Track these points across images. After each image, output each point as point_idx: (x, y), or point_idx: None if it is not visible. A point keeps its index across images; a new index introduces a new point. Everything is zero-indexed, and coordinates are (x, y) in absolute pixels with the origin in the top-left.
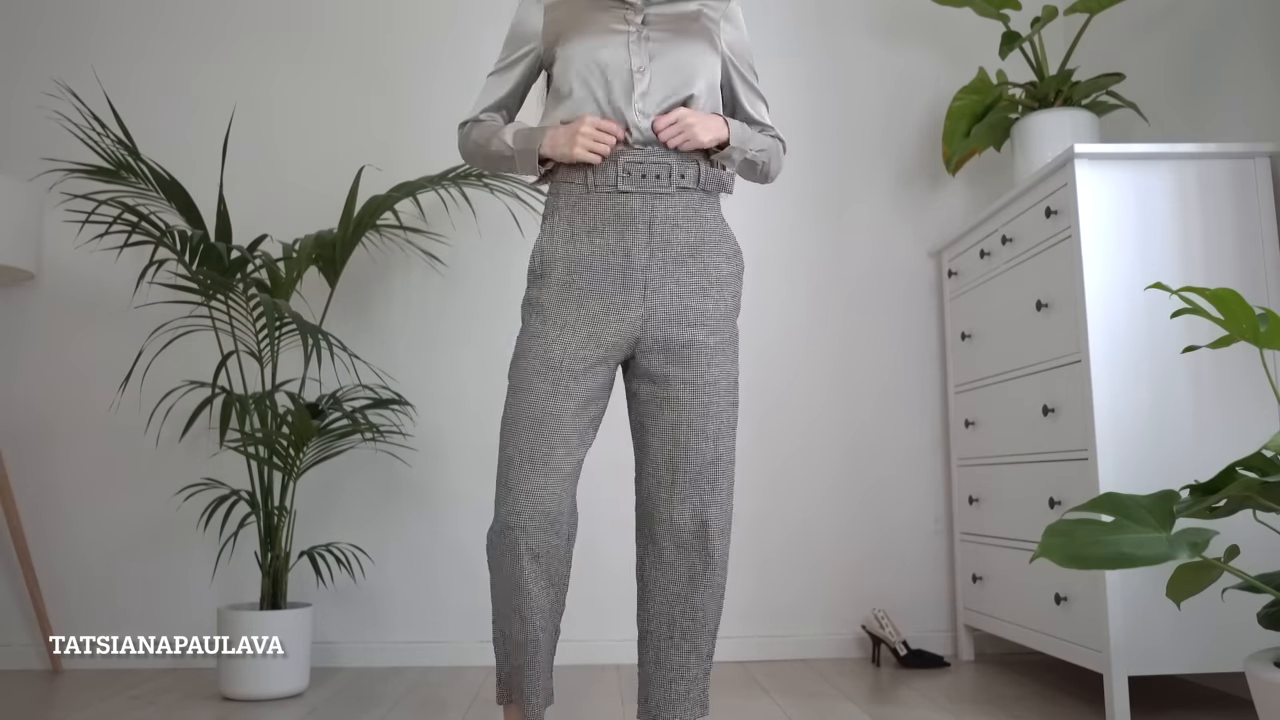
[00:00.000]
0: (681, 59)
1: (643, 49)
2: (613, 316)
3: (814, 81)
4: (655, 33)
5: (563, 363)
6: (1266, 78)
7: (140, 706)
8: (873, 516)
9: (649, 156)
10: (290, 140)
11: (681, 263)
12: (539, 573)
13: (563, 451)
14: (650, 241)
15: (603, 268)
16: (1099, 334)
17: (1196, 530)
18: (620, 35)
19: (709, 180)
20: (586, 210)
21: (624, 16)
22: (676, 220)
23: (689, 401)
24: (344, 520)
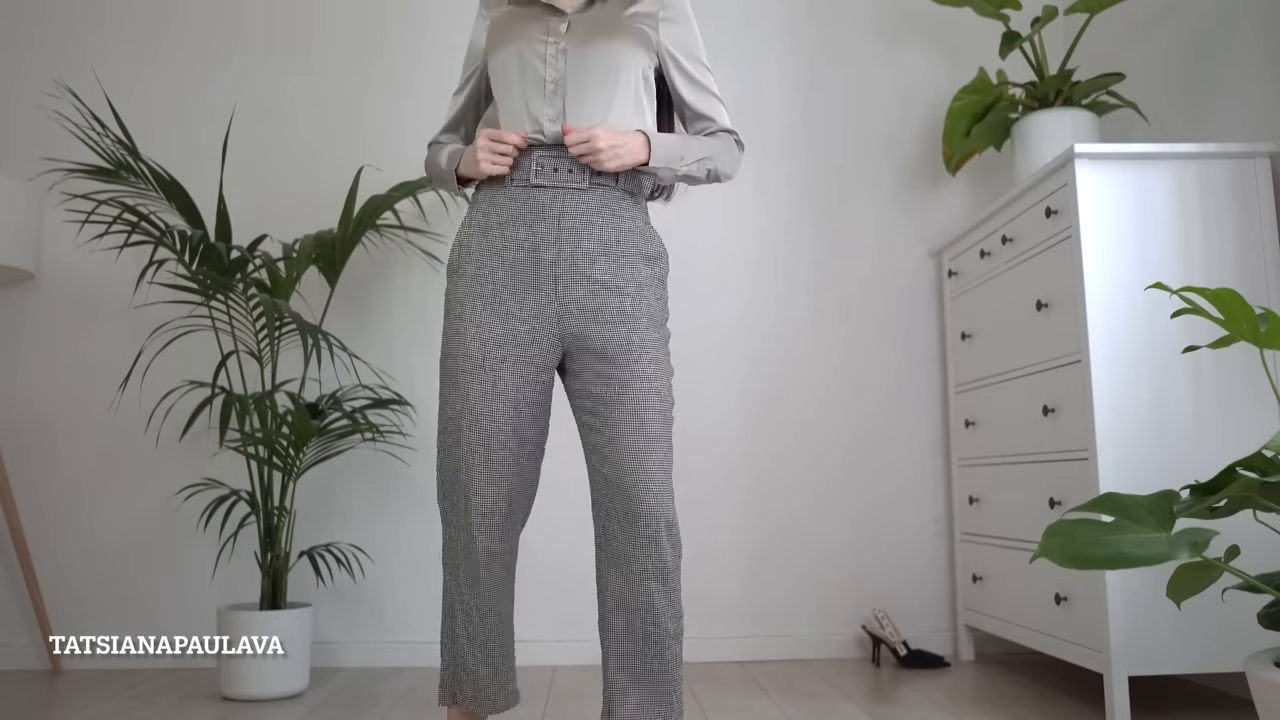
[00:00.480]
0: (602, 63)
1: (561, 57)
2: (527, 312)
3: (814, 81)
4: (577, 39)
5: (485, 361)
6: (1266, 78)
7: (140, 706)
8: (873, 517)
9: (565, 152)
10: (290, 140)
11: (594, 260)
12: (495, 572)
13: (503, 453)
14: (559, 237)
15: (513, 262)
16: (1099, 334)
17: (1196, 530)
18: (540, 44)
19: (629, 179)
20: (501, 204)
21: (548, 26)
22: (589, 217)
23: (619, 400)
24: (344, 520)
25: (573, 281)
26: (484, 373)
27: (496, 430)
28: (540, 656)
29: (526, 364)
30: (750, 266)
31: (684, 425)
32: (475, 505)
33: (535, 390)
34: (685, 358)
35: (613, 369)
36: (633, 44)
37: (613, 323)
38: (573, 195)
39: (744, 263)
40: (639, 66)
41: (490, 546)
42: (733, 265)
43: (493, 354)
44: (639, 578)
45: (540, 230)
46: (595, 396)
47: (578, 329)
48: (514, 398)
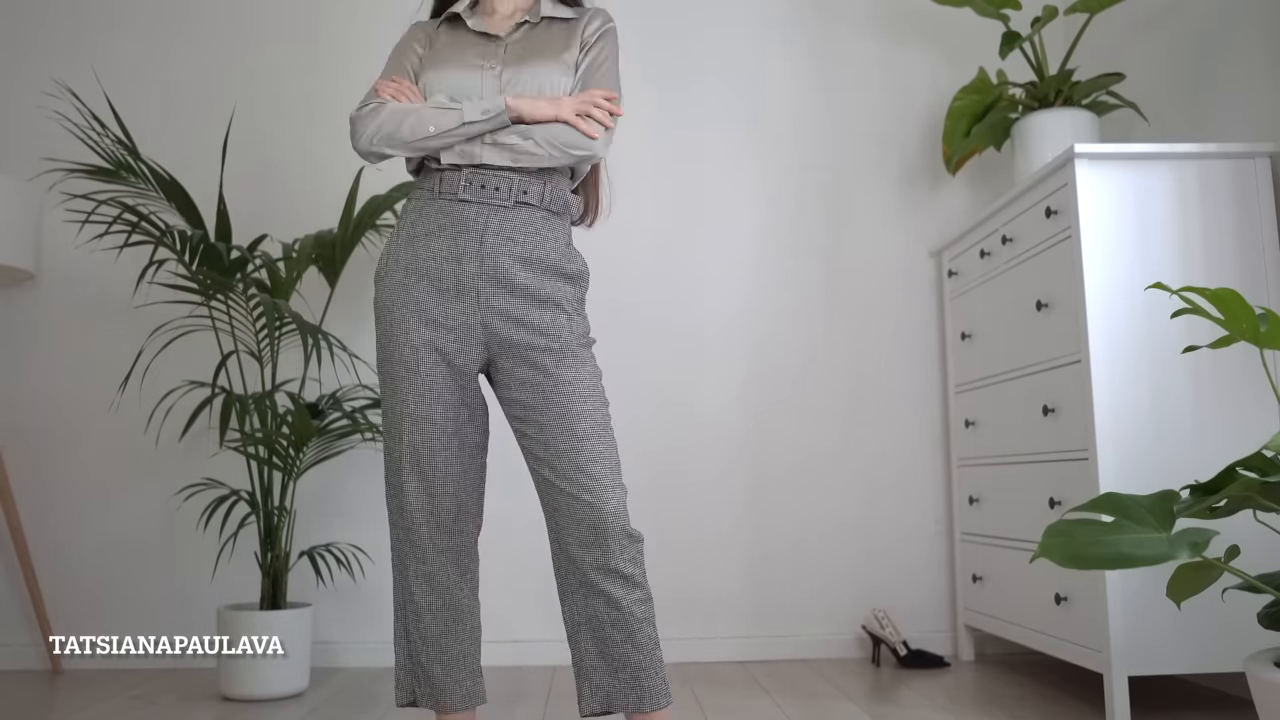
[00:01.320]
0: (533, 86)
1: (494, 82)
2: (453, 321)
3: (814, 81)
4: (510, 66)
5: (420, 367)
6: (1266, 78)
7: (140, 706)
8: (873, 516)
9: (495, 173)
10: (290, 140)
11: (512, 275)
12: (447, 570)
13: (444, 454)
14: (481, 251)
15: (437, 273)
16: (1099, 334)
17: (1197, 530)
18: (476, 70)
19: (554, 200)
20: (428, 215)
21: (483, 52)
22: (511, 235)
23: (546, 405)
24: (344, 520)
25: (493, 293)
26: (419, 378)
27: (437, 432)
28: (540, 656)
29: (457, 370)
30: (750, 267)
31: (684, 430)
32: (420, 505)
33: (470, 394)
34: (685, 360)
35: (535, 374)
36: (560, 72)
37: (533, 330)
38: (496, 212)
39: (744, 263)
40: (564, 88)
41: (439, 544)
42: (732, 266)
43: (425, 359)
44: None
45: (463, 243)
46: (523, 404)
47: (501, 336)
48: (450, 400)
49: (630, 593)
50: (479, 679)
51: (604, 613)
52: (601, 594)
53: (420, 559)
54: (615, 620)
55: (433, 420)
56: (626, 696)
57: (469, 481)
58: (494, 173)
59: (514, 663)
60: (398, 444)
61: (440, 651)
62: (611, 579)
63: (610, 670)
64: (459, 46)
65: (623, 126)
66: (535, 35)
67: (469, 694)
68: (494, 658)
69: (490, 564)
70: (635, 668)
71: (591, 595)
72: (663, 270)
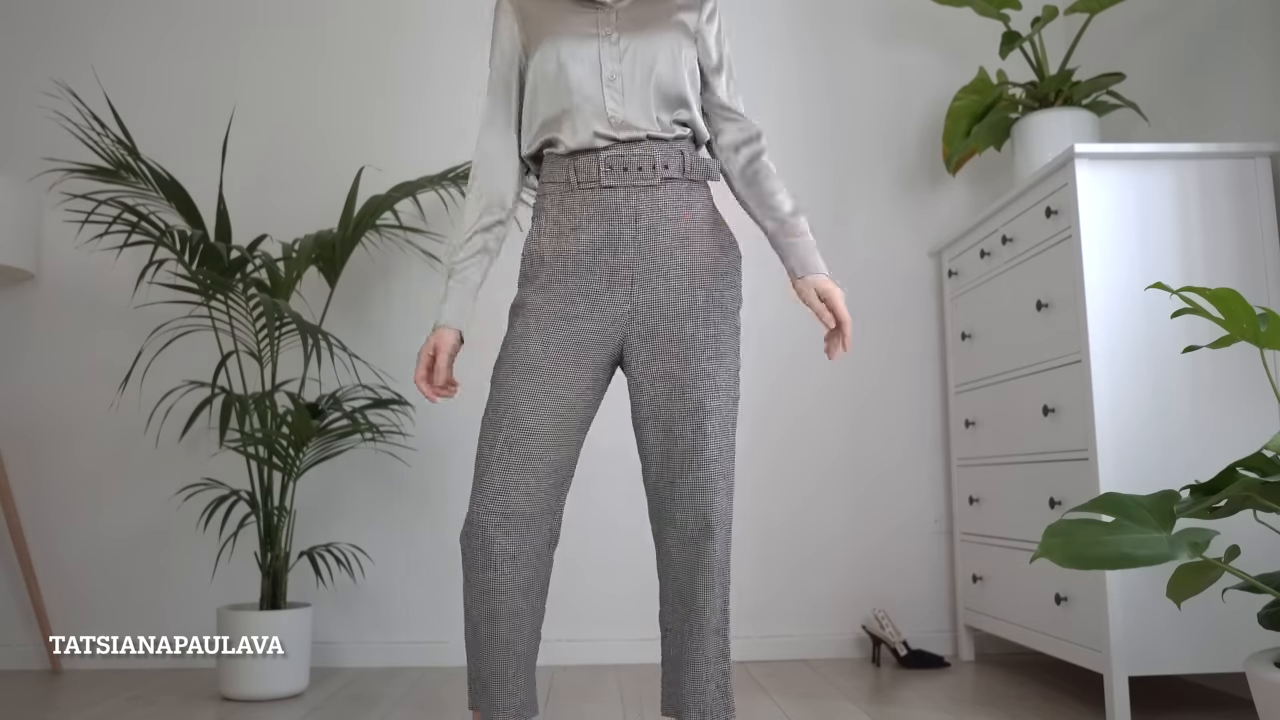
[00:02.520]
0: (654, 58)
1: (613, 51)
2: (597, 314)
3: (814, 81)
4: (626, 33)
5: (543, 363)
6: (1266, 78)
7: (140, 706)
8: (873, 516)
9: (631, 150)
10: (290, 140)
11: (670, 254)
12: (512, 574)
13: (540, 452)
14: (637, 236)
15: (589, 265)
16: (1099, 334)
17: (1197, 530)
18: (591, 40)
19: (695, 168)
20: (571, 208)
21: (595, 19)
22: (663, 212)
23: (682, 398)
24: (344, 520)
25: (648, 280)
26: (538, 375)
27: (542, 432)
28: (541, 656)
29: (585, 368)
30: (749, 266)
31: None
32: (500, 506)
33: (589, 394)
34: None
35: (675, 366)
36: (681, 37)
37: (683, 317)
38: (645, 193)
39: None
40: (689, 61)
41: (504, 548)
42: None
43: (552, 357)
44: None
45: (617, 230)
46: (655, 394)
47: (647, 327)
48: (567, 399)
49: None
50: (533, 689)
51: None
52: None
53: (492, 563)
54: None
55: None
56: (690, 707)
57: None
58: (634, 154)
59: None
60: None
61: (503, 660)
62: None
63: (675, 678)
64: (562, 15)
65: None
66: (645, 6)
67: (523, 705)
68: None
69: None
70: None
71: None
72: None
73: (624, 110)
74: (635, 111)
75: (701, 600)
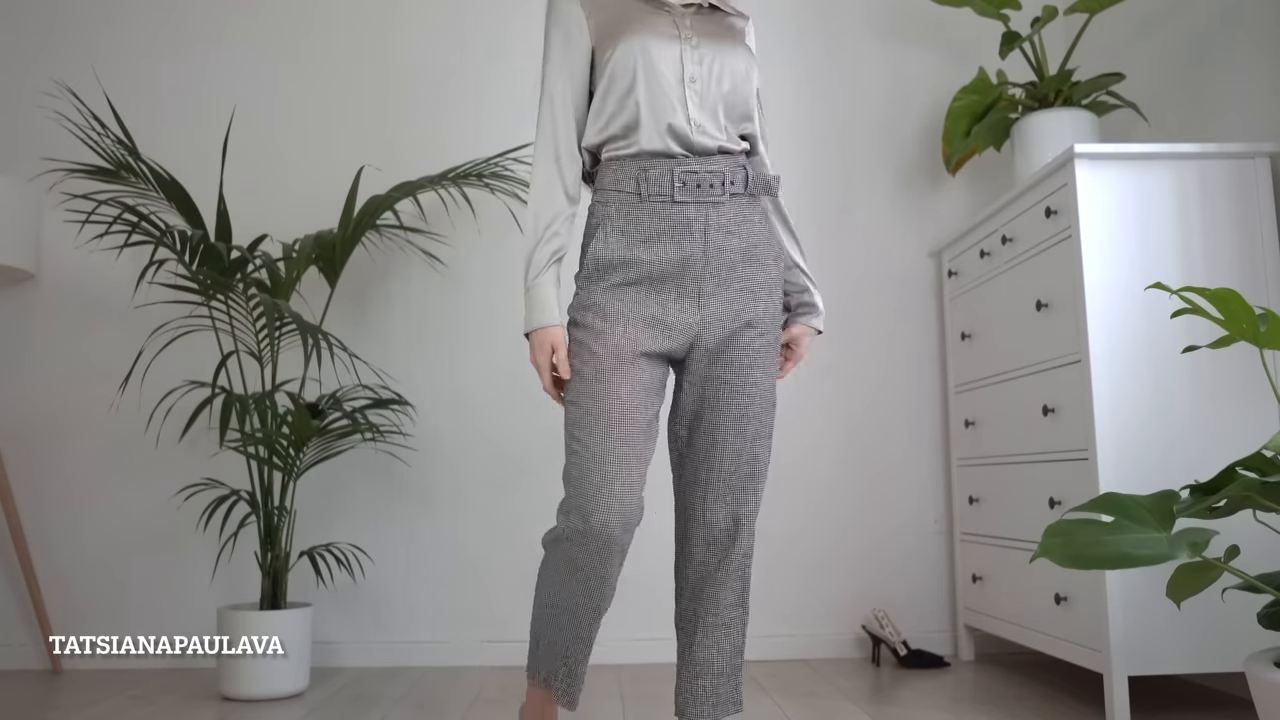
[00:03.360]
0: (730, 68)
1: (695, 55)
2: (670, 320)
3: (814, 81)
4: (705, 40)
5: (635, 360)
6: (1266, 78)
7: (140, 706)
8: (873, 516)
9: (703, 165)
10: (290, 140)
11: (734, 268)
12: (617, 570)
13: (643, 446)
14: (706, 250)
15: (660, 275)
16: (1099, 334)
17: (1196, 530)
18: (674, 41)
19: (756, 184)
20: (641, 220)
21: (673, 21)
22: (729, 227)
23: (730, 403)
24: (344, 520)
25: (715, 292)
26: (635, 370)
27: (645, 423)
28: None
29: (662, 368)
30: None
31: None
32: (621, 496)
33: (662, 392)
34: None
35: (729, 373)
36: (750, 56)
37: (743, 328)
38: (715, 208)
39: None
40: (755, 79)
41: (623, 541)
42: None
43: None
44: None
45: (687, 246)
46: (705, 397)
47: (712, 336)
48: (649, 395)
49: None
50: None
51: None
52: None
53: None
54: (710, 625)
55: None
56: (704, 704)
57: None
58: (706, 170)
59: (514, 662)
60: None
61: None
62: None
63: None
64: (637, 12)
65: None
66: (711, 19)
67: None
68: (494, 658)
69: (491, 564)
70: (716, 674)
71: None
72: None
73: (700, 115)
74: (709, 118)
75: (724, 599)
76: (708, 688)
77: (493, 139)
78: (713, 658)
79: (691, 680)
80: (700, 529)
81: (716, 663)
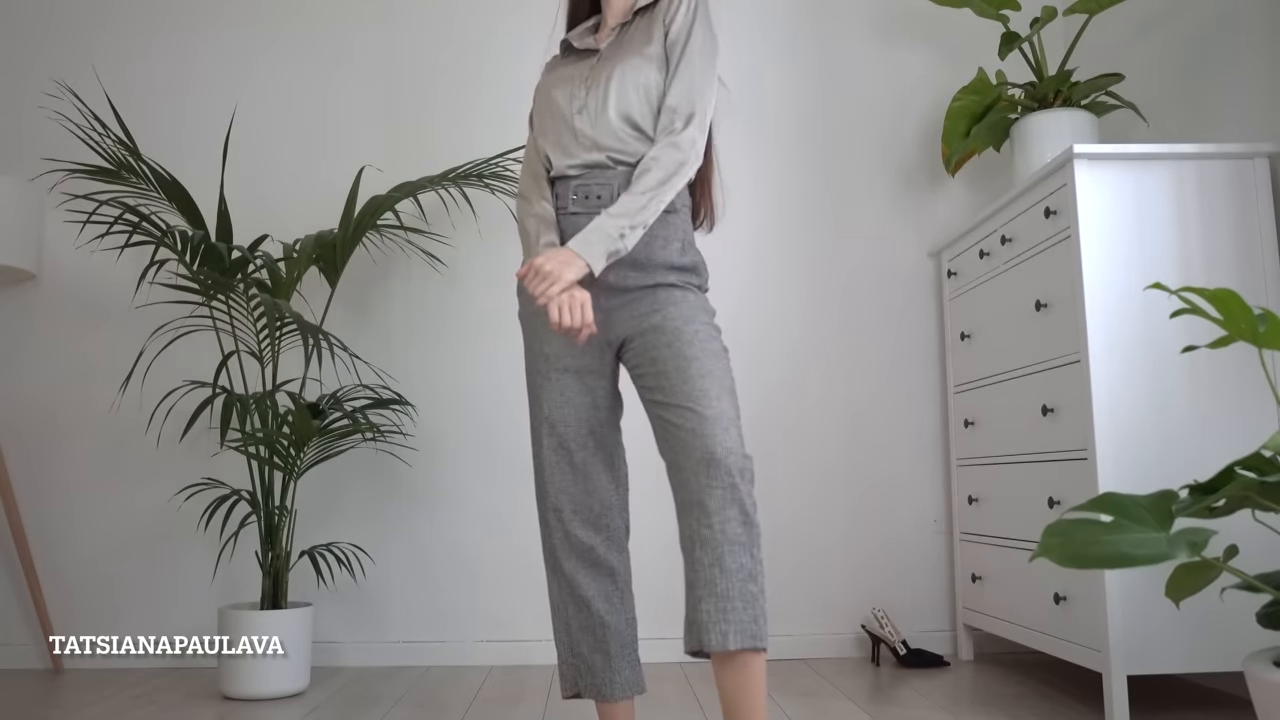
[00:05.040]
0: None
1: (582, 87)
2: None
3: (814, 81)
4: (604, 64)
5: (551, 372)
6: (1266, 78)
7: (140, 706)
8: (873, 516)
9: (593, 178)
10: (291, 140)
11: (625, 275)
12: (583, 565)
13: (583, 454)
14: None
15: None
16: (1098, 334)
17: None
18: (568, 82)
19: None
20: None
21: (580, 63)
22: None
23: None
24: (344, 520)
25: (613, 295)
26: (552, 382)
27: (573, 434)
28: (540, 656)
29: (587, 372)
30: (749, 267)
31: None
32: (564, 504)
33: (602, 394)
34: None
35: (651, 335)
36: (640, 57)
37: (649, 313)
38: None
39: (743, 263)
40: (648, 75)
41: (585, 540)
42: (731, 265)
43: (555, 365)
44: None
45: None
46: (649, 359)
47: (624, 331)
48: (581, 402)
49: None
50: (638, 668)
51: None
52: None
53: (570, 555)
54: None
55: (568, 423)
56: (710, 631)
57: (611, 478)
58: (595, 182)
59: (514, 662)
60: (539, 447)
61: (600, 642)
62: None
63: (694, 600)
64: (562, 67)
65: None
66: (624, 35)
67: (628, 682)
68: (494, 658)
69: (490, 563)
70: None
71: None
72: None
73: (594, 133)
74: (602, 135)
75: (713, 504)
76: (711, 612)
77: (493, 139)
78: (715, 577)
79: (694, 608)
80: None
81: (719, 583)
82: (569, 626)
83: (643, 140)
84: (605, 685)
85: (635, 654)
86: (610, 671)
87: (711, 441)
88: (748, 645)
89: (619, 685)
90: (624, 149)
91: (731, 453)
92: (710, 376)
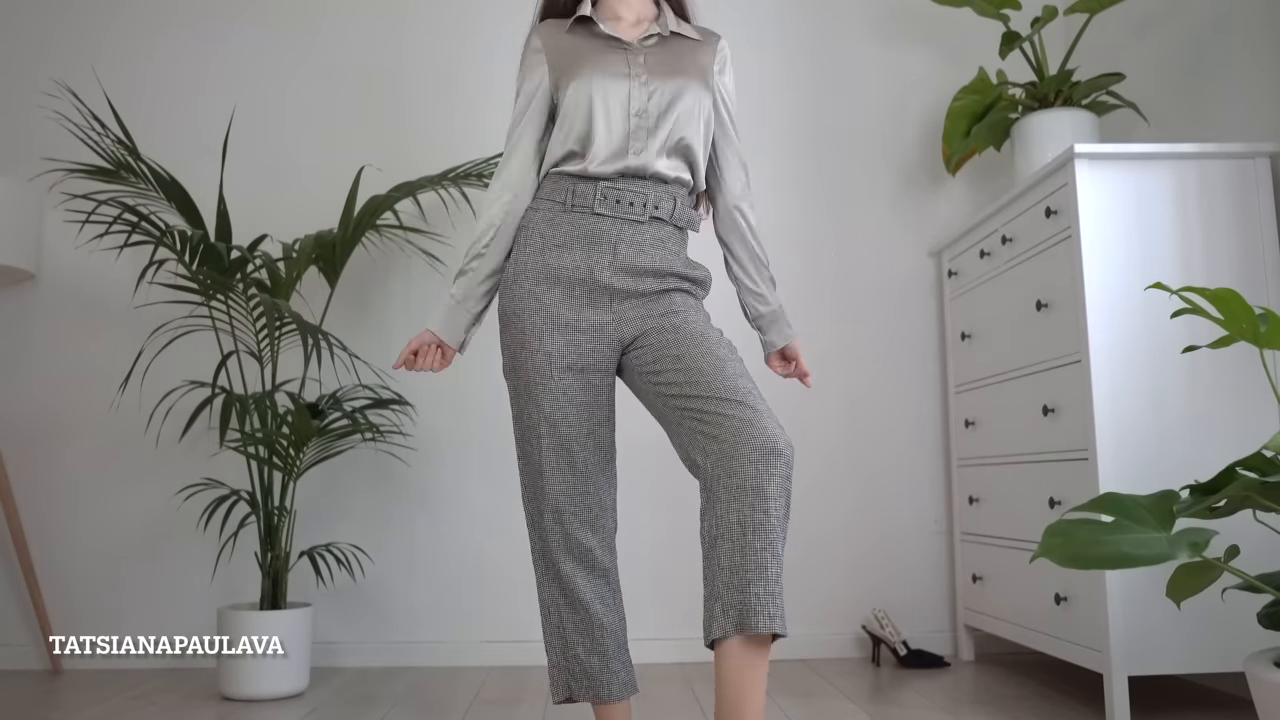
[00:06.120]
0: (677, 107)
1: (643, 91)
2: (585, 324)
3: (814, 81)
4: (655, 75)
5: (553, 371)
6: (1266, 78)
7: (140, 706)
8: (873, 516)
9: (628, 186)
10: (291, 140)
11: (642, 281)
12: (581, 567)
13: (582, 454)
14: (614, 262)
15: (569, 280)
16: (1099, 334)
17: (1196, 530)
18: (623, 78)
19: (680, 216)
20: (559, 226)
21: (626, 59)
22: (642, 246)
23: (694, 343)
24: (344, 520)
25: (626, 298)
26: (553, 382)
27: (574, 434)
28: (540, 656)
29: (593, 370)
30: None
31: None
32: (564, 505)
33: (603, 393)
34: None
35: (671, 334)
36: (703, 86)
37: (665, 314)
38: (630, 226)
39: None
40: (708, 108)
41: (584, 542)
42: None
43: (558, 364)
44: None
45: (595, 256)
46: (671, 356)
47: (634, 330)
48: (584, 401)
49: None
50: (631, 668)
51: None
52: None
53: (569, 557)
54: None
55: (569, 422)
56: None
57: (606, 479)
58: (630, 190)
59: (514, 662)
60: (536, 448)
61: (597, 643)
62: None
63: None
64: (594, 51)
65: None
66: (670, 49)
67: (626, 682)
68: (494, 658)
69: (491, 564)
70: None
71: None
72: None
73: (642, 143)
74: (651, 148)
75: (773, 490)
76: (762, 595)
77: (493, 139)
78: (767, 562)
79: (742, 590)
80: (717, 421)
81: (771, 568)
82: (563, 630)
83: (683, 167)
84: (603, 686)
85: (628, 654)
86: (608, 672)
87: (771, 433)
88: (782, 631)
89: (617, 685)
90: (669, 169)
91: (790, 447)
92: (745, 378)
